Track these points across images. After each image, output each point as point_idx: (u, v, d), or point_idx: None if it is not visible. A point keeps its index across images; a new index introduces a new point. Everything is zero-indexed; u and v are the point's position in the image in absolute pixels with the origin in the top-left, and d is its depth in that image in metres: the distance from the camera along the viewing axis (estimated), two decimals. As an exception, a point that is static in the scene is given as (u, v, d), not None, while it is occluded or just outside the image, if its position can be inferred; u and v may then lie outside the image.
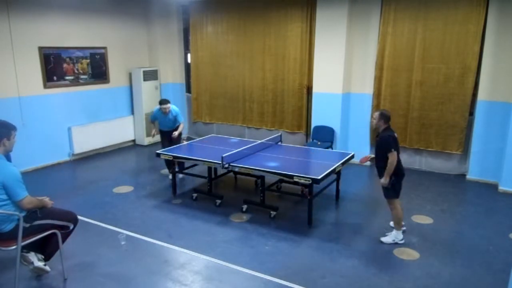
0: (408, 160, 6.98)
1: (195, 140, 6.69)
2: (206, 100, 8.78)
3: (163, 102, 6.30)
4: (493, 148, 6.10)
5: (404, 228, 4.52)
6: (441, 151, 6.62)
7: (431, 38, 6.28)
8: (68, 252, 3.87)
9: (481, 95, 6.07)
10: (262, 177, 5.05)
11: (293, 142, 7.33)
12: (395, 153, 4.12)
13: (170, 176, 6.26)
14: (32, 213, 3.39)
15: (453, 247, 4.37)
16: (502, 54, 5.83)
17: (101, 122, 7.91)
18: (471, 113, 6.33)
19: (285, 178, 4.82)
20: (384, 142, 4.19)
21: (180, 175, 6.39)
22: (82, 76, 7.55)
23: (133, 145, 8.68)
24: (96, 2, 7.59)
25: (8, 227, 3.29)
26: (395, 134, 4.26)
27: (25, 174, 5.22)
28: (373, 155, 4.52)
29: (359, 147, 7.07)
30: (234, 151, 5.26)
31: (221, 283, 3.67)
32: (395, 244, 4.32)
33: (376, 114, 4.31)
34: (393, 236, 4.37)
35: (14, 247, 3.25)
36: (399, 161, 4.21)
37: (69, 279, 3.69)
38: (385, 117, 4.24)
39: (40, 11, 6.71)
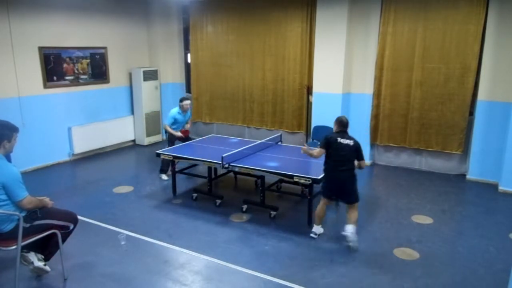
0: (408, 160, 6.99)
1: (195, 140, 6.69)
2: (206, 100, 8.77)
3: (184, 98, 6.54)
4: (493, 148, 6.10)
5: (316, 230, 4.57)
6: (441, 151, 6.62)
7: (431, 38, 6.28)
8: (68, 252, 3.87)
9: (481, 95, 6.08)
10: (262, 177, 5.05)
11: (293, 142, 7.33)
12: (321, 149, 4.28)
13: (164, 177, 6.39)
14: (32, 213, 3.38)
15: (453, 247, 4.37)
16: (502, 54, 5.83)
17: (101, 122, 7.90)
18: (471, 113, 6.33)
19: (285, 178, 4.82)
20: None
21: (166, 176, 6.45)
22: (82, 76, 7.55)
23: (133, 145, 8.68)
24: (96, 2, 7.59)
25: (8, 227, 3.30)
26: (338, 138, 4.24)
27: (25, 174, 5.23)
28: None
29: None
30: (234, 151, 5.26)
31: (221, 283, 3.67)
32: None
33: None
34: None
35: (14, 247, 3.25)
36: (332, 166, 4.27)
37: (69, 279, 3.69)
38: (337, 122, 4.37)
39: (40, 11, 6.71)
